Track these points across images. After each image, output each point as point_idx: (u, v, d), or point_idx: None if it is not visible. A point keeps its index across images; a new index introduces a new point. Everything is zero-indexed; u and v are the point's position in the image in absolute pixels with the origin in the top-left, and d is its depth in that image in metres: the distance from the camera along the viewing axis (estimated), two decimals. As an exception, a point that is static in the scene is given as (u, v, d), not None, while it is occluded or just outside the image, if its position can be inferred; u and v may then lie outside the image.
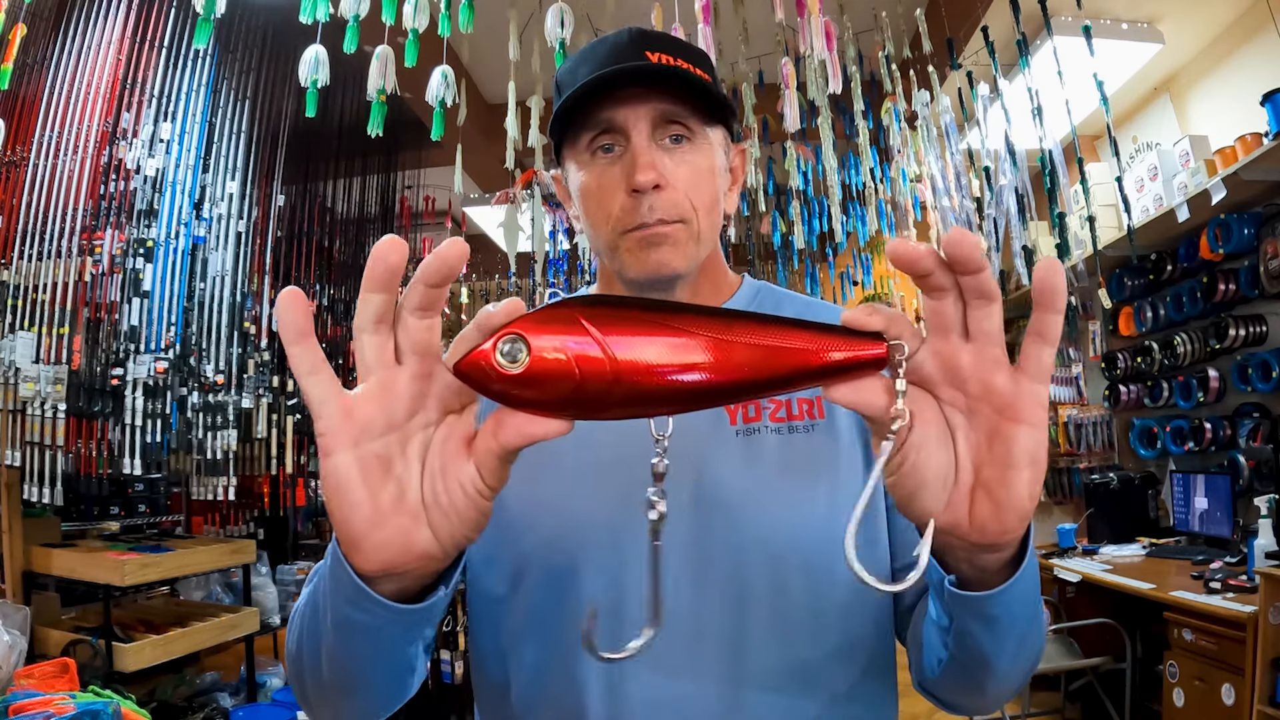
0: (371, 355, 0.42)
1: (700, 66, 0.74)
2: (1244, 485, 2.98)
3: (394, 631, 0.51)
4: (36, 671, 2.00)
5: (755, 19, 2.97)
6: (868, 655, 0.73)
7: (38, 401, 2.36)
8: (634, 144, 0.71)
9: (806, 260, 4.66)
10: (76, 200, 2.50)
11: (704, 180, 0.74)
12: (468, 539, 0.45)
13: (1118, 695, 2.99)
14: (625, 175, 0.71)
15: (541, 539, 0.72)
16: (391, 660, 0.57)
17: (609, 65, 0.71)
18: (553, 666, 0.71)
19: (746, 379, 0.41)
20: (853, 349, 0.41)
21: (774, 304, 0.85)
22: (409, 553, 0.44)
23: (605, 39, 0.75)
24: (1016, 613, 0.52)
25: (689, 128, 0.73)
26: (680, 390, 0.41)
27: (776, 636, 0.70)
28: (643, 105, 0.71)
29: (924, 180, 3.33)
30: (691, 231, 0.74)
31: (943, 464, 0.44)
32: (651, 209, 0.71)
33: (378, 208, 4.05)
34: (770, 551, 0.70)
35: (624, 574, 0.70)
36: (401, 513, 0.43)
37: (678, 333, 0.40)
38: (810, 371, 0.41)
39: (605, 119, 0.72)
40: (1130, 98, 3.52)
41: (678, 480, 0.71)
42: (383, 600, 0.47)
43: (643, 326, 0.40)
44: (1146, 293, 3.57)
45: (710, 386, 0.41)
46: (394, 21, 2.14)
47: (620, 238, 0.74)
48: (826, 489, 0.73)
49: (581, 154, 0.75)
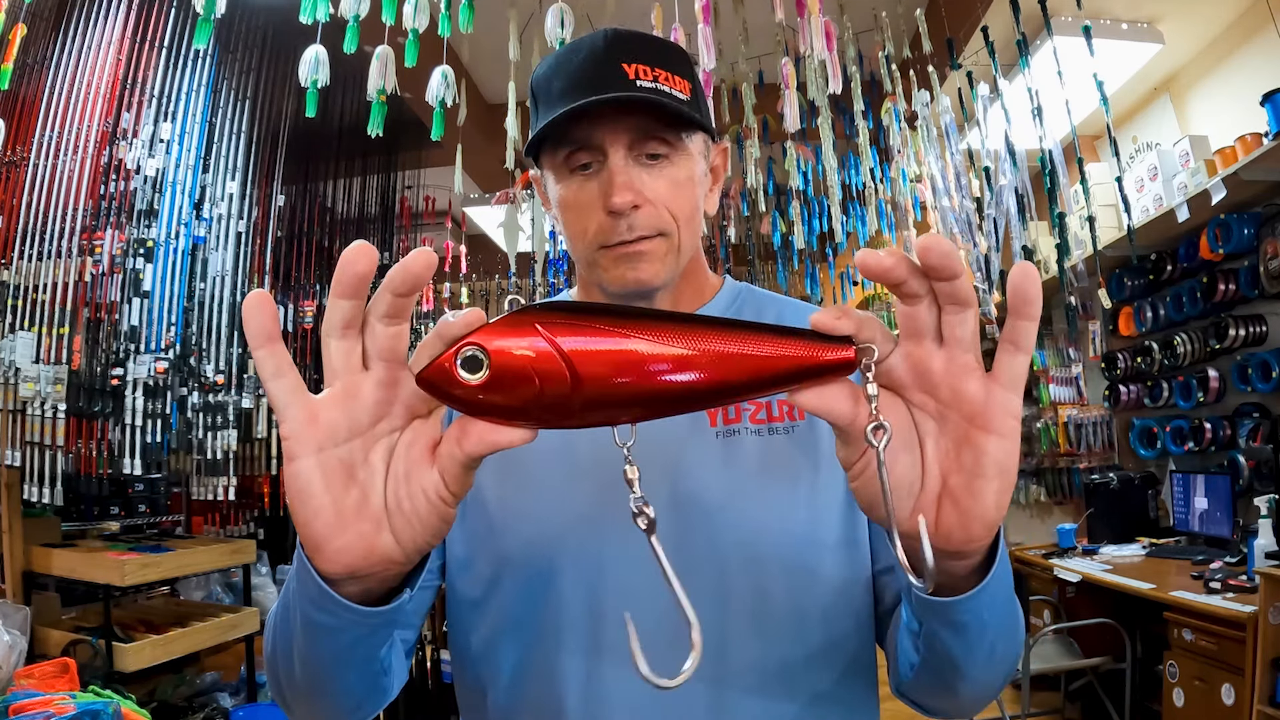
0: (338, 360, 0.42)
1: (678, 70, 0.73)
2: (1244, 485, 2.98)
3: (359, 633, 0.51)
4: (37, 671, 2.00)
5: (755, 19, 2.97)
6: (849, 657, 0.73)
7: (38, 401, 2.36)
8: (611, 164, 0.71)
9: (806, 260, 4.66)
10: (77, 200, 2.50)
11: (684, 192, 0.74)
12: (429, 544, 0.46)
13: (1118, 695, 2.99)
14: (603, 194, 0.71)
15: (520, 541, 0.72)
16: (360, 662, 0.57)
17: (585, 77, 0.70)
18: (531, 669, 0.71)
19: (709, 386, 0.40)
20: (819, 353, 0.41)
21: (755, 305, 0.85)
22: (371, 557, 0.44)
23: (580, 45, 0.73)
24: (986, 619, 0.52)
25: (667, 142, 0.72)
26: (641, 397, 0.40)
27: (758, 638, 0.70)
28: (620, 124, 0.70)
29: (924, 180, 3.33)
30: (671, 244, 0.74)
31: (908, 469, 0.43)
32: (630, 227, 0.71)
33: (378, 208, 4.05)
34: (750, 553, 0.70)
35: (603, 576, 0.70)
36: (364, 518, 0.43)
37: (638, 340, 0.40)
38: (775, 377, 0.41)
39: (582, 138, 0.71)
40: (1130, 98, 3.52)
41: (656, 482, 0.71)
42: (345, 602, 0.47)
43: (602, 334, 0.40)
44: (1146, 293, 3.57)
45: (672, 393, 0.40)
46: (394, 21, 2.14)
47: (598, 253, 0.73)
48: (807, 490, 0.73)
49: (559, 167, 0.74)
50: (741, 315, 0.83)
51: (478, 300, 5.81)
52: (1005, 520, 0.46)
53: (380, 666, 0.62)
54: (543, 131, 0.71)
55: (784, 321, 0.83)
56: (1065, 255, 2.88)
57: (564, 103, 0.69)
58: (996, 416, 0.41)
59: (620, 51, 0.71)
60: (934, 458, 0.43)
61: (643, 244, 0.72)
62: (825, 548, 0.72)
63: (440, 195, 4.59)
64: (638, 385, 0.40)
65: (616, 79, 0.69)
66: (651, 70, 0.71)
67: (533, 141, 0.74)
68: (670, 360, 0.40)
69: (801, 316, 0.84)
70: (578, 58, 0.72)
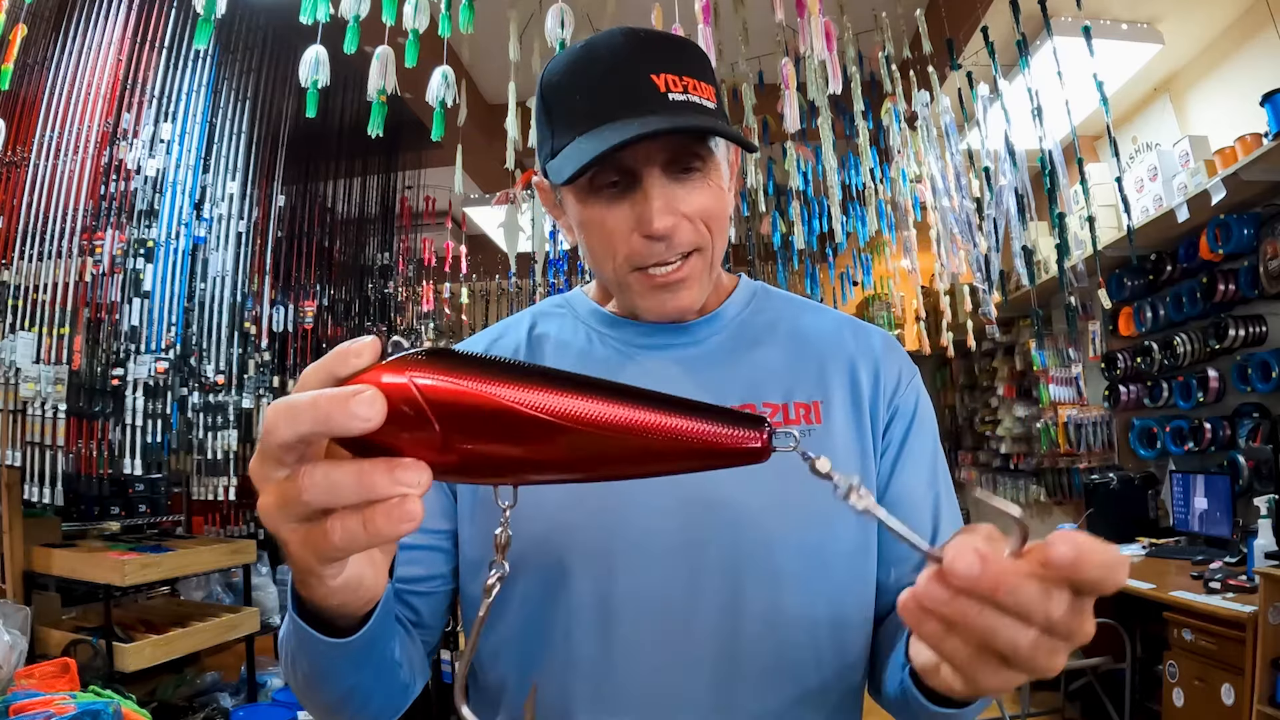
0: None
1: (702, 75, 0.70)
2: (1244, 485, 2.98)
3: (337, 657, 0.55)
4: (37, 671, 2.00)
5: (755, 19, 2.97)
6: (858, 664, 0.74)
7: (38, 402, 2.37)
8: (646, 185, 0.68)
9: (806, 261, 4.65)
10: (77, 201, 2.50)
11: (717, 203, 0.72)
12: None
13: (1117, 695, 2.99)
14: (638, 218, 0.68)
15: (530, 540, 0.72)
16: (377, 662, 0.60)
17: (612, 92, 0.66)
18: (542, 668, 0.71)
19: (587, 465, 0.39)
20: (725, 440, 0.38)
21: (770, 305, 0.84)
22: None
23: (597, 49, 0.68)
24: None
25: (700, 156, 0.70)
26: (513, 466, 0.39)
27: (771, 642, 0.70)
28: (654, 145, 0.67)
29: (924, 180, 3.33)
30: (706, 260, 0.73)
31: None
32: (669, 247, 0.69)
33: (378, 208, 4.06)
34: (764, 561, 0.70)
35: (614, 575, 0.70)
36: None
37: (515, 411, 0.37)
38: (667, 456, 0.39)
39: (612, 159, 0.66)
40: (1130, 98, 3.52)
41: (668, 488, 0.71)
42: (313, 633, 0.52)
43: (480, 399, 0.37)
44: (1146, 293, 3.57)
45: (548, 468, 0.39)
46: (394, 22, 2.14)
47: (631, 275, 0.72)
48: (823, 496, 0.73)
49: (581, 186, 0.70)
50: (756, 315, 0.82)
51: (478, 300, 5.81)
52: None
53: (391, 675, 0.63)
54: (582, 166, 0.65)
55: (801, 324, 0.83)
56: (1065, 255, 2.88)
57: (591, 123, 0.66)
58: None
59: (643, 58, 0.67)
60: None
61: (680, 268, 0.70)
62: (839, 554, 0.72)
63: (440, 195, 4.60)
64: (509, 458, 0.38)
65: (647, 93, 0.66)
66: (680, 80, 0.67)
67: (559, 165, 0.69)
68: (548, 438, 0.38)
69: (819, 318, 0.84)
70: (598, 67, 0.68)
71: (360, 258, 3.97)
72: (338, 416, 0.36)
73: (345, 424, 0.36)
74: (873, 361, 0.79)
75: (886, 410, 0.78)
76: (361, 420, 0.35)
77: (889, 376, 0.79)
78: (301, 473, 0.37)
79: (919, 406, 0.80)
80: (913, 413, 0.79)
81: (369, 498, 0.37)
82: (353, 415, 0.35)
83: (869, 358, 0.79)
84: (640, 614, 0.69)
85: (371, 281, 3.99)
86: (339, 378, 0.38)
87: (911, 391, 0.80)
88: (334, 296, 3.67)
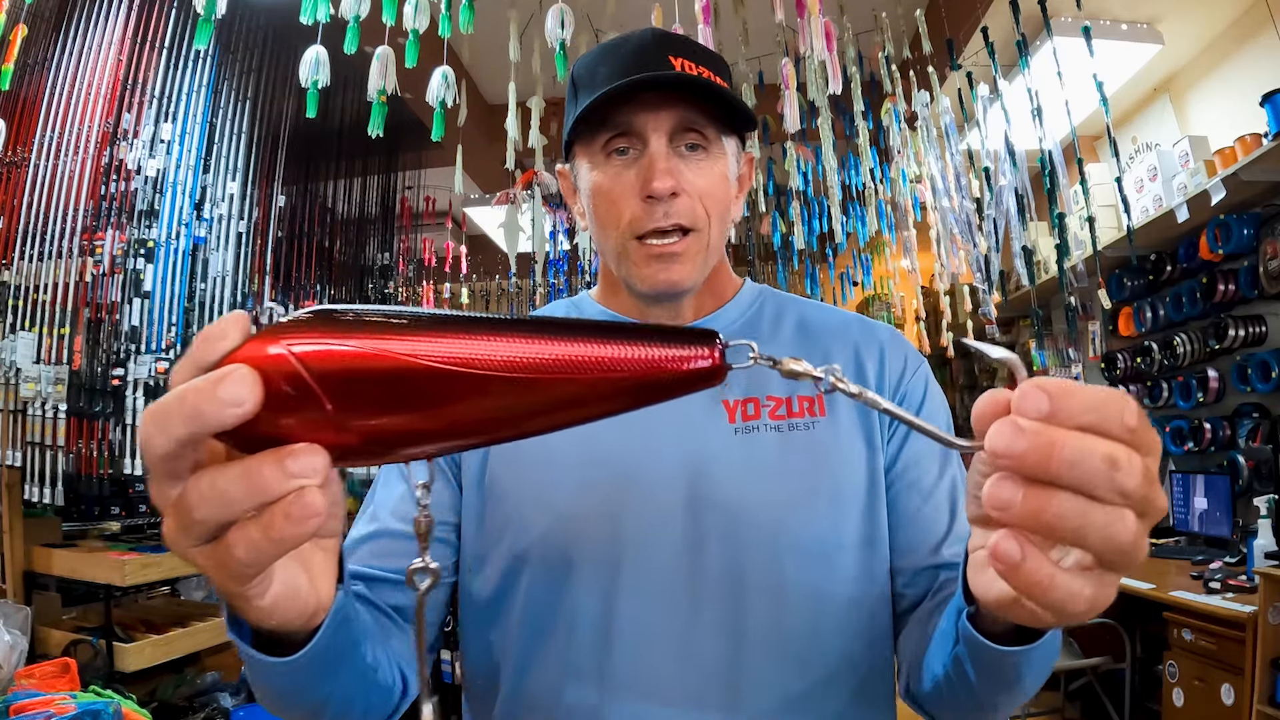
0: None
1: (721, 75, 0.74)
2: (1243, 485, 2.98)
3: (293, 676, 0.50)
4: (37, 671, 2.00)
5: (755, 19, 2.97)
6: (865, 656, 0.73)
7: (38, 402, 2.37)
8: (652, 149, 0.71)
9: (806, 261, 4.65)
10: (77, 201, 2.50)
11: (718, 188, 0.74)
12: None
13: (1117, 695, 2.99)
14: (641, 180, 0.71)
15: (536, 537, 0.72)
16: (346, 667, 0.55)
17: (632, 68, 0.70)
18: (544, 665, 0.71)
19: (515, 418, 0.33)
20: (669, 364, 0.33)
21: (777, 309, 0.84)
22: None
23: (628, 39, 0.74)
24: (1024, 672, 0.51)
25: (706, 136, 0.73)
26: (427, 435, 0.33)
27: (776, 638, 0.70)
28: (664, 111, 0.71)
29: (924, 181, 3.33)
30: (702, 242, 0.74)
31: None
32: (666, 214, 0.71)
33: (378, 208, 4.06)
34: (770, 553, 0.70)
35: (618, 572, 0.70)
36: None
37: (414, 365, 0.31)
38: (608, 394, 0.33)
39: (624, 122, 0.72)
40: (1130, 98, 3.52)
41: (674, 482, 0.71)
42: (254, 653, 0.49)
43: (371, 359, 0.31)
44: (1146, 293, 3.57)
45: (468, 430, 0.33)
46: (394, 22, 2.14)
47: (630, 243, 0.73)
48: (829, 489, 0.73)
49: (595, 154, 0.74)
50: (761, 318, 0.83)
51: (478, 300, 5.81)
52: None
53: (367, 665, 0.58)
54: (585, 111, 0.71)
55: (806, 318, 0.83)
56: (1065, 255, 2.88)
57: (607, 85, 0.70)
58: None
59: (668, 47, 0.72)
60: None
61: (676, 244, 0.72)
62: (846, 548, 0.72)
63: (440, 195, 4.60)
64: (418, 416, 0.32)
65: (664, 68, 0.70)
66: (697, 66, 0.72)
67: (572, 128, 0.75)
68: (456, 388, 0.31)
69: (826, 314, 0.84)
70: (625, 49, 0.73)
71: (360, 258, 3.97)
72: (207, 407, 0.31)
73: (218, 415, 0.31)
74: (878, 352, 0.80)
75: (893, 399, 0.77)
76: (234, 405, 0.30)
77: (894, 365, 0.79)
78: (188, 486, 0.33)
79: (928, 394, 0.80)
80: (921, 400, 0.79)
81: (263, 499, 0.32)
82: (222, 402, 0.30)
83: (874, 348, 0.80)
84: (645, 611, 0.69)
85: (372, 282, 4.00)
86: (207, 365, 0.32)
87: (919, 379, 0.80)
88: (334, 297, 3.67)
